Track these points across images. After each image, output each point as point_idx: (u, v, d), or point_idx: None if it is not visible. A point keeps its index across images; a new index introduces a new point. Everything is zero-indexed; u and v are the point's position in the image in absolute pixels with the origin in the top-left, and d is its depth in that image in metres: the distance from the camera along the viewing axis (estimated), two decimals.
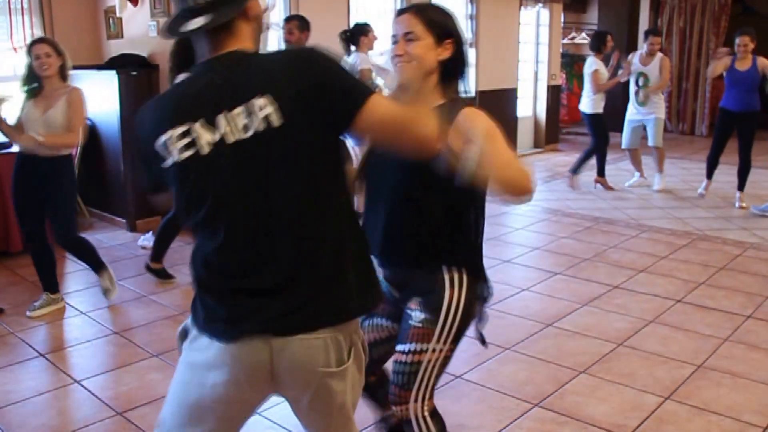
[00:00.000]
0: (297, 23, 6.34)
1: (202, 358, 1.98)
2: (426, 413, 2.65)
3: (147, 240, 6.64)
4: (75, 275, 5.92)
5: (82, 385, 4.00)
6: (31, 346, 4.50)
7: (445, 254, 2.56)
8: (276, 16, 7.93)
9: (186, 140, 1.84)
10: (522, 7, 11.45)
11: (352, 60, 6.73)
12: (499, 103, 11.14)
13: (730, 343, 4.50)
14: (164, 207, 2.07)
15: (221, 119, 1.82)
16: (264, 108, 1.80)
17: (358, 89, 1.88)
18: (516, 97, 11.66)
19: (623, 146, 9.34)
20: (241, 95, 1.82)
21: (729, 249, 6.53)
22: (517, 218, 7.78)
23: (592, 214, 7.86)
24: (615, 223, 7.48)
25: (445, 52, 2.53)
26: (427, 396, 2.63)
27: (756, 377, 4.04)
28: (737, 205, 8.18)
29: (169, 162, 1.87)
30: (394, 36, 2.52)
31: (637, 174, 9.46)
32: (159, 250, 5.74)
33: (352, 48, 6.80)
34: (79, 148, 7.19)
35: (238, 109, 1.81)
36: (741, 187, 8.24)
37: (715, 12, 13.95)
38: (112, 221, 7.51)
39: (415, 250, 2.57)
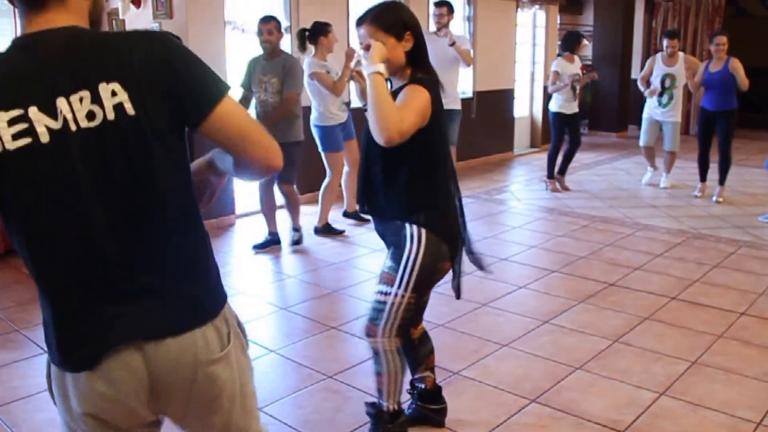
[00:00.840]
0: (276, 24, 6.18)
1: (73, 401, 1.74)
2: (393, 348, 3.12)
3: None
4: None
5: None
6: (35, 343, 4.52)
7: (408, 211, 2.98)
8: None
9: (20, 126, 1.54)
10: (519, 9, 11.52)
11: (305, 63, 6.55)
12: (496, 104, 11.19)
13: (724, 339, 4.54)
14: None
15: (62, 103, 1.56)
16: (115, 95, 1.57)
17: (212, 88, 1.68)
18: (513, 98, 11.73)
19: (641, 143, 9.30)
20: (86, 78, 1.57)
21: (723, 247, 6.59)
22: (514, 217, 7.84)
23: (588, 213, 7.91)
24: (611, 222, 7.54)
25: (408, 44, 2.86)
26: (392, 333, 3.09)
27: (749, 373, 4.08)
28: (715, 199, 8.38)
29: (17, 142, 1.56)
30: (361, 44, 2.86)
31: (651, 169, 9.53)
32: None
33: (311, 48, 6.59)
34: None
35: (83, 94, 1.56)
36: (721, 181, 8.44)
37: (709, 13, 14.02)
38: None
39: (384, 204, 3.04)
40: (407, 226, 2.97)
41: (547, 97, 12.35)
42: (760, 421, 3.56)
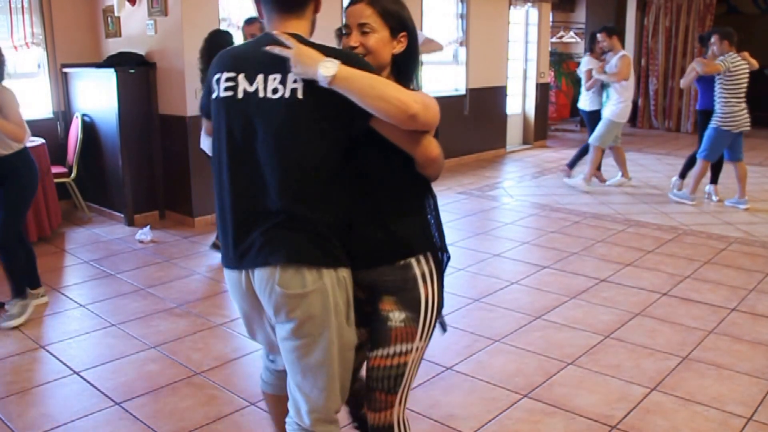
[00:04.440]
0: (260, 25, 5.91)
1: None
2: (405, 416, 2.54)
3: (145, 234, 6.71)
4: (74, 268, 5.98)
5: (81, 376, 4.05)
6: (30, 338, 4.55)
7: (413, 245, 2.42)
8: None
9: (230, 83, 2.28)
10: (511, 7, 11.53)
11: None
12: (489, 101, 11.22)
13: (714, 335, 4.58)
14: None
15: (259, 78, 2.23)
16: (296, 83, 2.17)
17: None
18: (505, 95, 11.74)
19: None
20: (283, 67, 2.19)
21: (714, 243, 6.63)
22: (507, 213, 7.87)
23: (580, 209, 7.95)
24: (602, 218, 7.57)
25: (399, 46, 2.39)
26: (407, 397, 2.52)
27: (740, 368, 4.12)
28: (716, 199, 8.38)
29: (214, 95, 2.34)
30: (346, 26, 2.40)
31: (620, 173, 9.42)
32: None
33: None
34: (78, 143, 7.28)
35: (275, 76, 2.21)
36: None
37: (701, 12, 14.08)
38: (111, 216, 7.56)
39: (382, 245, 2.41)
40: (414, 263, 2.41)
41: (540, 95, 12.48)
42: (750, 416, 3.60)
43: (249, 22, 6.08)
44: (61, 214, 7.09)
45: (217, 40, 5.77)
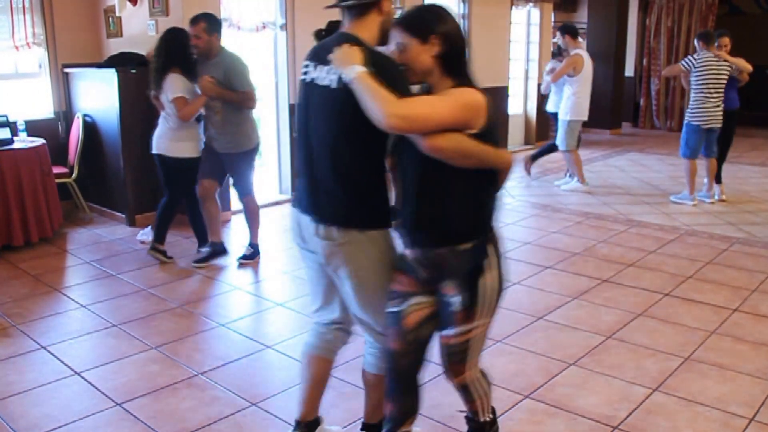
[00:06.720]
0: (204, 26, 5.63)
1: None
2: (479, 374, 2.95)
3: (146, 234, 6.70)
4: (75, 269, 5.98)
5: (82, 377, 4.05)
6: (32, 339, 4.55)
7: (473, 233, 2.70)
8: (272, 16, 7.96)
9: (306, 69, 2.88)
10: (513, 7, 11.53)
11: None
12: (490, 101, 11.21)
13: (716, 335, 4.57)
14: None
15: (321, 67, 2.77)
16: (335, 75, 2.66)
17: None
18: (507, 95, 11.74)
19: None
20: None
21: (716, 244, 6.63)
22: (509, 213, 7.85)
23: (582, 210, 7.95)
24: (604, 218, 7.57)
25: (435, 48, 2.64)
26: (478, 362, 2.91)
27: (742, 369, 4.11)
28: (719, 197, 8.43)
29: (300, 77, 2.95)
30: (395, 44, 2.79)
31: (576, 177, 9.23)
32: (159, 233, 6.06)
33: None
34: (79, 143, 7.28)
35: (329, 68, 2.71)
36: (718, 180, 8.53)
37: (703, 11, 14.07)
38: (112, 216, 7.56)
39: (445, 231, 2.70)
40: (476, 251, 2.70)
41: (541, 95, 12.43)
42: (752, 417, 3.59)
43: (192, 22, 5.70)
44: (63, 214, 7.08)
45: (174, 38, 5.68)
